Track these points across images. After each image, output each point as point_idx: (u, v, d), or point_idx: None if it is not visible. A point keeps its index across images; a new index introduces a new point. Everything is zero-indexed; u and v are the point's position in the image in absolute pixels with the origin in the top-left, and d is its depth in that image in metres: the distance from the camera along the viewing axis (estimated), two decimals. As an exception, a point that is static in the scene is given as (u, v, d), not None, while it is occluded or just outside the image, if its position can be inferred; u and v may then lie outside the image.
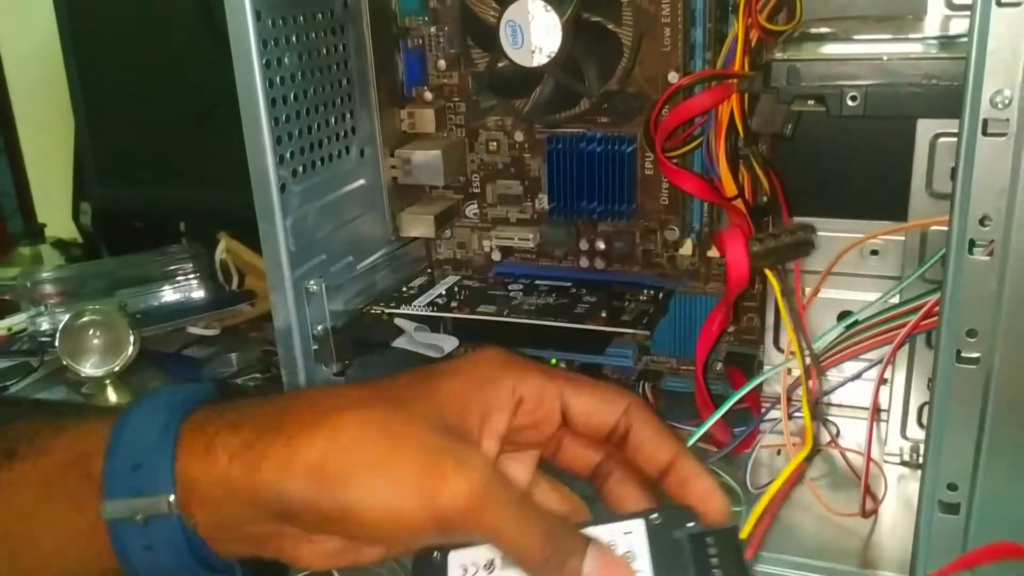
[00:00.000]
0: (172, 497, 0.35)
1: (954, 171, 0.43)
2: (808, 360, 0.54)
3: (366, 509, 0.34)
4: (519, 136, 0.71)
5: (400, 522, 0.34)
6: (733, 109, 0.55)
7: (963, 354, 0.45)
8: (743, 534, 0.45)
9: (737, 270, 0.52)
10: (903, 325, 0.56)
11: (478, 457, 0.36)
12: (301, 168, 0.61)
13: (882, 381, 0.59)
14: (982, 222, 0.43)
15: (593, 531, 0.37)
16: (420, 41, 0.71)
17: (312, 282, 0.62)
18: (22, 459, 0.37)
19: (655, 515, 0.37)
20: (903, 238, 0.62)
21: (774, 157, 0.63)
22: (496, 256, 0.75)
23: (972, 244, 0.44)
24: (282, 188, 0.59)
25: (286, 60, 0.58)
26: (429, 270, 0.76)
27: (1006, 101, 0.41)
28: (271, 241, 0.58)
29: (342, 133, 0.65)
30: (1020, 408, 0.45)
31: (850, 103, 0.46)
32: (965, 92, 0.42)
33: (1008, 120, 0.42)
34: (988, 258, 0.43)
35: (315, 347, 0.64)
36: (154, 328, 0.84)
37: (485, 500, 0.34)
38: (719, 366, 0.72)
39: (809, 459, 0.63)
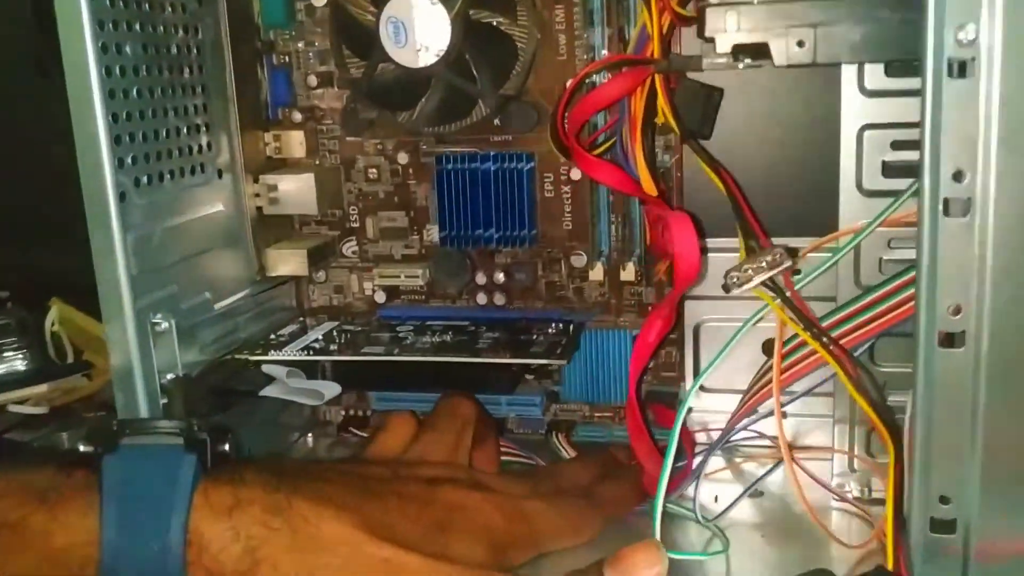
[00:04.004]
0: None
1: (920, 128, 0.38)
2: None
3: None
4: (403, 159, 0.63)
5: None
6: (660, 99, 0.49)
7: (947, 336, 0.39)
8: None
9: (688, 259, 0.44)
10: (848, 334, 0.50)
11: None
12: (146, 179, 0.51)
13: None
14: (956, 177, 0.38)
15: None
16: (286, 58, 0.63)
17: (159, 316, 0.51)
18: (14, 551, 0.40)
19: None
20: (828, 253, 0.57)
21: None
22: (380, 298, 0.65)
23: (947, 204, 0.38)
24: (122, 197, 0.48)
25: (127, 49, 0.49)
26: (301, 319, 0.66)
27: (971, 37, 0.37)
28: (106, 258, 0.47)
29: (195, 147, 0.56)
30: (1017, 395, 0.39)
31: (797, 49, 0.40)
32: (925, 29, 0.37)
33: (974, 58, 0.37)
34: (966, 219, 0.38)
35: (164, 400, 0.52)
36: (-37, 406, 0.69)
37: None
38: (636, 410, 0.64)
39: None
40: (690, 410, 0.62)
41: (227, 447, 0.45)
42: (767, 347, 0.62)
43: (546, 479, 0.53)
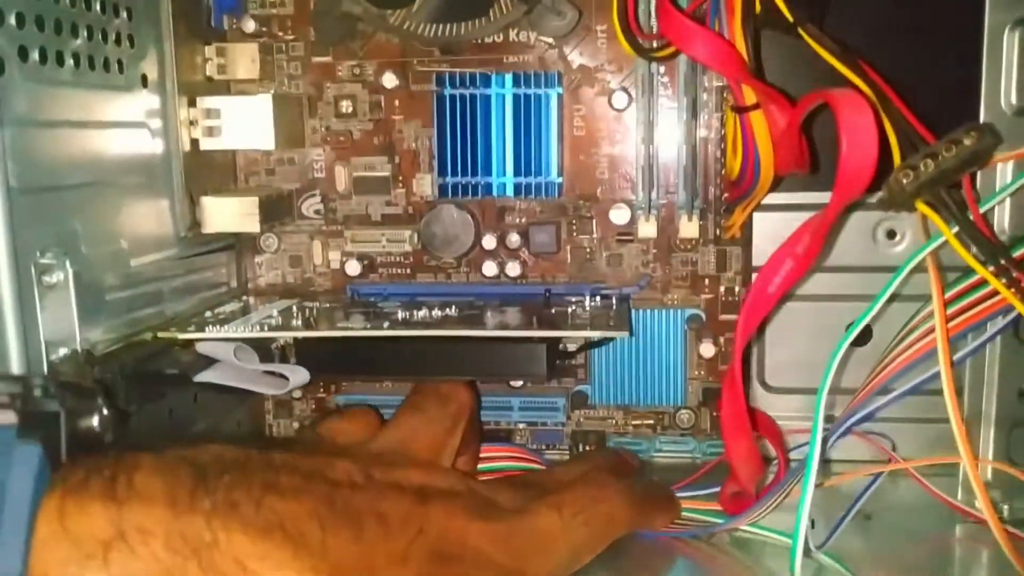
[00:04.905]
0: None
1: None
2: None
3: None
4: (389, 82, 0.48)
5: None
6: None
7: None
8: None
9: (863, 153, 0.30)
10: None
11: None
12: (37, 53, 0.35)
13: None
14: None
15: None
16: (235, -48, 0.48)
17: (50, 257, 0.35)
18: None
19: None
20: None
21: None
22: (352, 270, 0.50)
23: None
24: (-2, 66, 0.32)
25: None
26: (244, 297, 0.50)
27: None
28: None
29: (112, 34, 0.40)
30: None
31: None
32: None
33: None
34: None
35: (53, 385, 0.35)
36: None
37: None
38: (685, 416, 0.49)
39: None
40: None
41: (95, 421, 0.28)
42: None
43: (551, 481, 0.39)
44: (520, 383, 0.49)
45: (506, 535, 0.33)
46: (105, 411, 0.28)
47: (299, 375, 0.41)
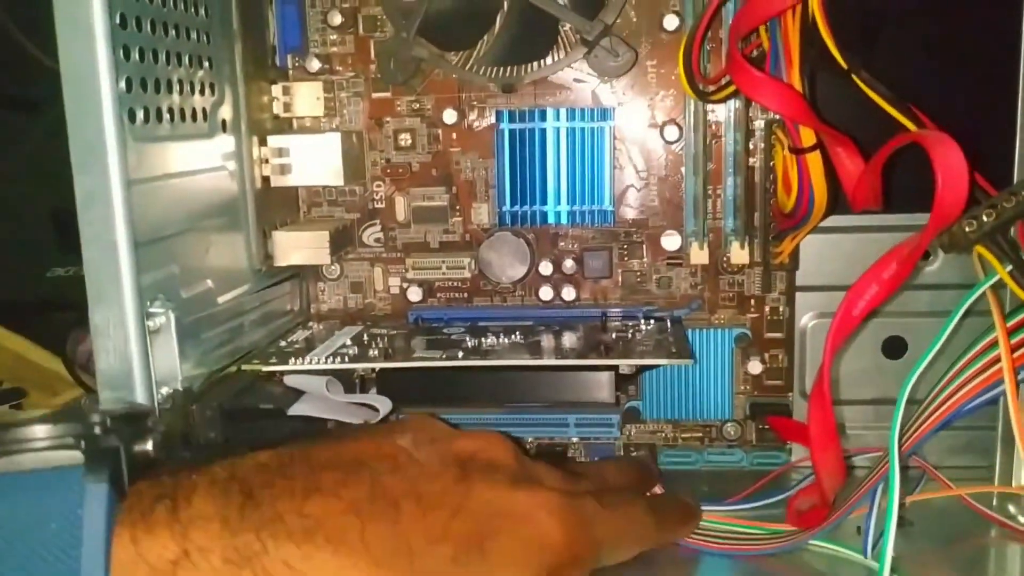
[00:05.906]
0: None
1: None
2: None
3: None
4: (450, 117, 0.50)
5: None
6: (818, 18, 0.38)
7: None
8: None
9: (956, 190, 0.32)
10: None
11: None
12: (142, 113, 0.37)
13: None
14: None
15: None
16: (299, -8, 0.50)
17: (157, 304, 0.37)
18: None
19: None
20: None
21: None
22: (414, 296, 0.52)
23: None
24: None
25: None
26: (310, 325, 0.52)
27: None
28: (100, 208, 0.33)
29: (196, 85, 0.42)
30: None
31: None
32: None
33: None
34: None
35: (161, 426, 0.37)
36: None
37: None
38: (731, 429, 0.52)
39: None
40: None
41: (150, 446, 0.30)
42: (888, 347, 0.52)
43: (593, 475, 0.41)
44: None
45: (554, 505, 0.33)
46: (159, 435, 0.30)
47: (385, 404, 0.43)
